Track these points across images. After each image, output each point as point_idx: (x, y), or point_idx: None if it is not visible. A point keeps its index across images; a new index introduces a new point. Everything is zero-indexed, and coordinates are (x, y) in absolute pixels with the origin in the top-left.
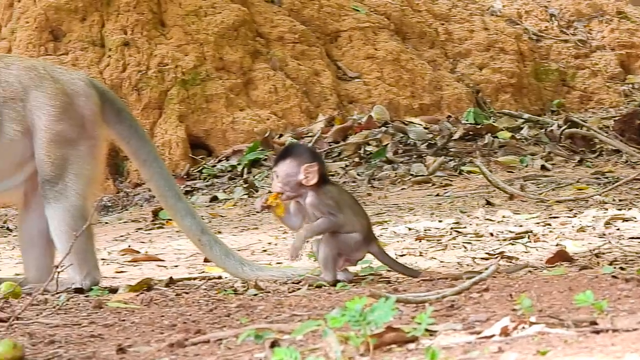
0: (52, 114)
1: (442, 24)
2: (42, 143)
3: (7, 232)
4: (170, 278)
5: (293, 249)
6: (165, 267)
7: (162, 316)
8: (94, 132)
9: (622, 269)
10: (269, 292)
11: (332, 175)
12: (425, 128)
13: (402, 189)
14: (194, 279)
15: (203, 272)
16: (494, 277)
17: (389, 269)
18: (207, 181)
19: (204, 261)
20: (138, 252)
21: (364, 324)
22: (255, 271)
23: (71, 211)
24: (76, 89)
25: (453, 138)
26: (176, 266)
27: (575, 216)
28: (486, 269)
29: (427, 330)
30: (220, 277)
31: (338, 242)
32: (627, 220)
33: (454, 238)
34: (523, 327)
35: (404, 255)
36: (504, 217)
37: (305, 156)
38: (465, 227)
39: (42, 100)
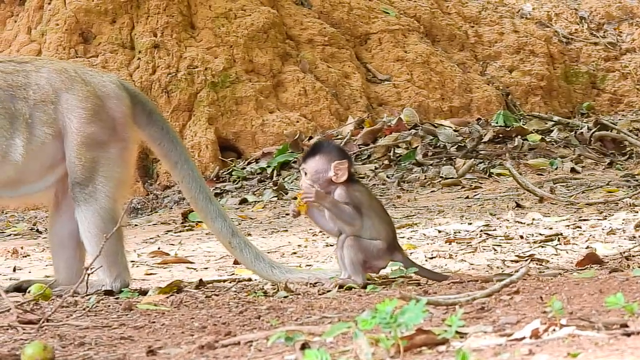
0: (83, 117)
1: (472, 27)
2: (72, 145)
3: (36, 234)
4: (200, 280)
5: (314, 195)
6: (195, 269)
7: (192, 318)
8: (124, 134)
9: None
10: (299, 294)
11: (362, 178)
12: (455, 130)
13: (432, 191)
14: (224, 281)
15: (233, 274)
16: (525, 279)
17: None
18: (237, 183)
19: (234, 263)
20: (168, 254)
21: (395, 326)
22: (285, 273)
23: (101, 213)
24: (107, 92)
25: (483, 140)
26: (206, 268)
27: (606, 219)
28: (516, 271)
29: (457, 332)
30: (250, 280)
31: (361, 246)
32: None
33: (483, 240)
34: (554, 330)
35: (434, 257)
36: (533, 219)
37: (334, 153)
38: (495, 230)
39: (73, 102)
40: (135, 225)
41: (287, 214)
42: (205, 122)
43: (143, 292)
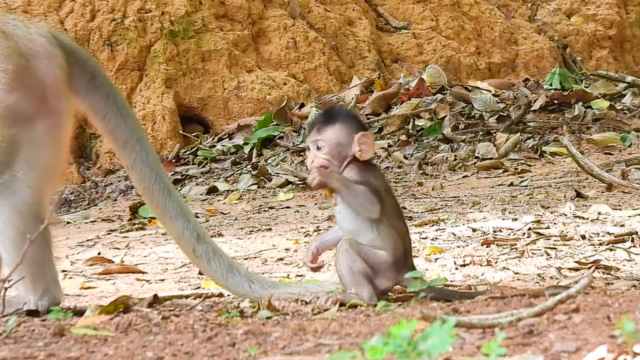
0: (2, 82)
1: None
2: None
3: None
4: (155, 296)
5: (318, 175)
6: (147, 280)
7: (145, 346)
8: (57, 105)
9: None
10: (287, 314)
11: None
12: (494, 95)
13: (464, 176)
14: (187, 296)
15: (198, 287)
16: (587, 293)
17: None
18: (204, 166)
19: (200, 273)
20: (111, 261)
21: (414, 355)
22: (268, 288)
23: (21, 210)
24: (35, 48)
25: (532, 108)
26: (162, 280)
27: None
28: (576, 282)
29: None
30: (221, 295)
31: (360, 252)
32: None
33: (533, 242)
34: (624, 359)
35: (467, 264)
36: (599, 213)
37: (356, 122)
38: (548, 228)
39: None
40: (68, 223)
41: (271, 207)
42: (161, 84)
43: (79, 312)
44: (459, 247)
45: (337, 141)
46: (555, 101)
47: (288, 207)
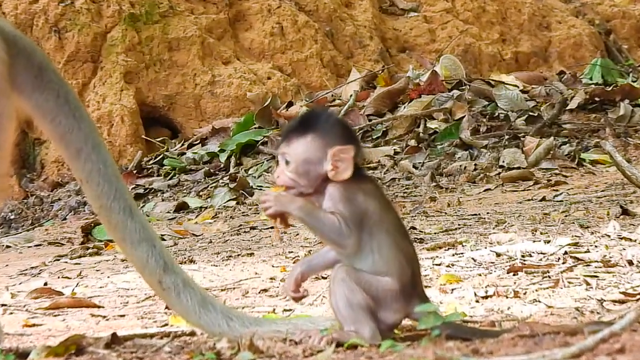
0: None
1: None
2: None
3: None
4: (113, 335)
5: (273, 202)
6: (104, 316)
7: None
8: None
9: None
10: (273, 356)
11: (373, 169)
12: (523, 92)
13: (486, 189)
14: (152, 336)
15: (165, 324)
16: (634, 330)
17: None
18: (171, 178)
19: (167, 308)
20: (60, 293)
21: None
22: (249, 326)
23: None
24: None
25: (568, 107)
26: (122, 315)
27: None
28: (621, 317)
29: None
30: (193, 334)
31: (360, 281)
32: None
33: (569, 269)
34: None
35: (490, 296)
36: None
37: (334, 132)
38: (587, 252)
39: None
40: (7, 246)
41: (253, 228)
42: (119, 79)
43: (22, 355)
44: (480, 275)
45: (305, 157)
46: (597, 98)
47: (273, 228)
